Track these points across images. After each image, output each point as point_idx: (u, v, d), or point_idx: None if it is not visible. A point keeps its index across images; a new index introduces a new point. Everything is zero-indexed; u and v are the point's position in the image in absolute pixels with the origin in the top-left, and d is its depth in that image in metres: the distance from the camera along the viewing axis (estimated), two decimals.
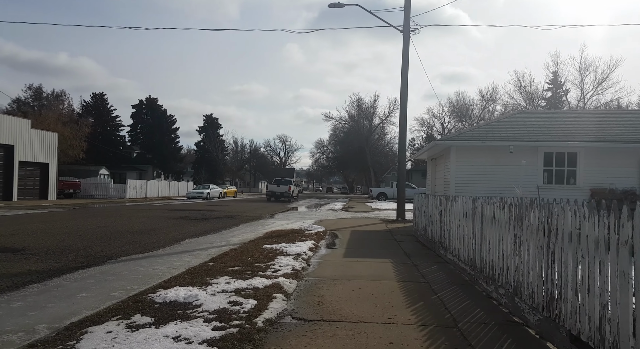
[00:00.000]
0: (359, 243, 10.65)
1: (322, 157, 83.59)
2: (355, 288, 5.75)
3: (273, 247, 9.08)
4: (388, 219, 18.73)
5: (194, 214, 19.77)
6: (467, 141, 12.39)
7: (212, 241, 10.61)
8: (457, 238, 7.24)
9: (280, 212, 22.86)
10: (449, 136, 13.66)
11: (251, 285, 5.46)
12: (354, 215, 21.27)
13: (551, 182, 12.27)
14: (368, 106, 65.90)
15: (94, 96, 52.51)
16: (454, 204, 7.40)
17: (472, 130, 13.79)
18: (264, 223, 16.15)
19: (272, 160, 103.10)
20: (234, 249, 9.01)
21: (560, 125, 13.44)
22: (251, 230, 13.53)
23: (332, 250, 9.40)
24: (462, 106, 65.21)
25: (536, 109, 42.19)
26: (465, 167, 12.51)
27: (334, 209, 26.42)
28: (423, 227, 10.68)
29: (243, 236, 11.74)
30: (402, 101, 18.06)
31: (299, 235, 11.59)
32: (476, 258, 6.10)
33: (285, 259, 7.60)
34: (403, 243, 10.70)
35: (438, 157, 15.25)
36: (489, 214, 5.59)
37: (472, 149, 12.48)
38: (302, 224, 15.60)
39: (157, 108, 58.78)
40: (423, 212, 10.73)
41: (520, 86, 48.66)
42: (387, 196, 41.33)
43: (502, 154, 12.33)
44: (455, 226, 7.38)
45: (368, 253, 9.02)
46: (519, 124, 13.44)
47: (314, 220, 17.68)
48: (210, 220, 16.72)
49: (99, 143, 46.37)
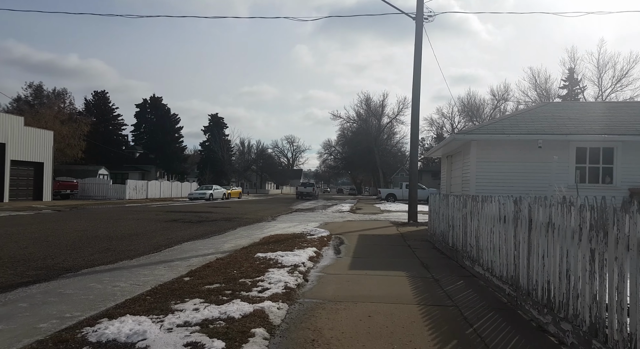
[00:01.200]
0: (368, 250, 9.27)
1: (329, 158, 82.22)
2: (363, 316, 4.39)
3: (267, 256, 7.75)
4: (399, 221, 17.31)
5: (190, 216, 18.52)
6: (490, 135, 10.96)
7: (199, 248, 9.30)
8: (489, 248, 5.84)
9: (283, 214, 21.55)
10: (468, 129, 12.21)
11: (225, 313, 4.12)
12: (362, 217, 19.89)
13: (584, 181, 10.79)
14: (377, 105, 64.44)
15: (96, 94, 51.62)
16: (486, 205, 5.99)
17: (495, 122, 12.35)
18: (264, 227, 14.84)
19: (279, 161, 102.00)
20: (221, 258, 7.69)
21: (593, 118, 11.94)
22: (247, 234, 12.22)
23: (336, 259, 8.04)
24: (473, 105, 63.46)
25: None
26: (487, 165, 11.08)
27: (340, 211, 25.05)
28: (441, 233, 9.28)
29: (236, 242, 10.42)
30: (415, 93, 16.66)
31: (299, 241, 10.26)
32: (520, 276, 4.70)
33: (278, 273, 6.26)
34: (418, 251, 9.30)
35: (455, 154, 13.81)
36: (541, 220, 4.20)
37: (495, 144, 11.04)
38: (305, 227, 14.27)
39: (161, 107, 57.87)
40: (441, 215, 9.33)
41: (536, 83, 46.81)
42: (396, 197, 39.85)
43: (529, 150, 10.88)
44: (487, 232, 5.97)
45: (378, 264, 7.64)
46: (547, 117, 11.97)
47: (319, 223, 16.33)
48: (205, 223, 15.45)
49: (99, 143, 45.46)
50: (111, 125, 52.30)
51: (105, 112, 51.15)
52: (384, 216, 20.58)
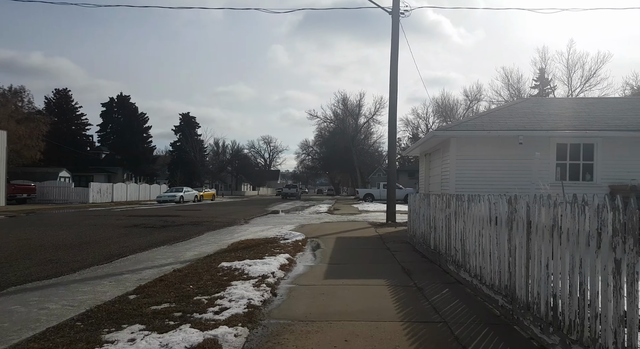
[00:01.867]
0: (346, 255, 8.59)
1: (307, 158, 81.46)
2: (339, 341, 3.67)
3: (232, 266, 6.95)
4: (377, 222, 16.75)
5: (155, 220, 17.41)
6: (470, 131, 10.49)
7: (156, 258, 8.39)
8: (477, 252, 5.24)
9: (258, 217, 20.67)
10: (448, 125, 11.75)
11: (167, 346, 3.32)
12: (340, 218, 19.24)
13: (565, 178, 10.45)
14: (354, 105, 64.11)
15: (57, 93, 48.98)
16: (474, 205, 5.39)
17: (475, 118, 11.90)
18: (235, 231, 13.96)
19: (256, 162, 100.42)
20: (179, 270, 6.84)
21: (572, 113, 11.66)
22: (215, 240, 11.34)
23: (311, 267, 7.31)
24: (447, 105, 64.09)
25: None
26: (467, 162, 10.61)
27: (318, 212, 24.35)
28: (422, 234, 8.70)
29: (201, 249, 9.54)
30: (392, 91, 16.13)
31: (271, 246, 9.49)
32: (517, 286, 4.09)
33: (242, 287, 5.48)
34: (398, 254, 8.68)
35: (433, 151, 13.33)
36: (544, 222, 3.59)
37: (475, 141, 10.58)
38: (280, 231, 13.49)
39: (128, 106, 55.68)
40: (422, 216, 8.74)
41: (508, 83, 47.45)
42: (374, 197, 39.54)
43: (510, 147, 10.46)
44: (474, 235, 5.37)
45: (357, 271, 6.96)
46: (527, 113, 11.61)
47: (294, 225, 15.58)
48: (170, 228, 14.43)
49: (61, 143, 43.11)
50: (74, 125, 49.80)
51: (67, 111, 48.61)
52: (362, 217, 20.00)
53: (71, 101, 50.52)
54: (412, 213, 10.04)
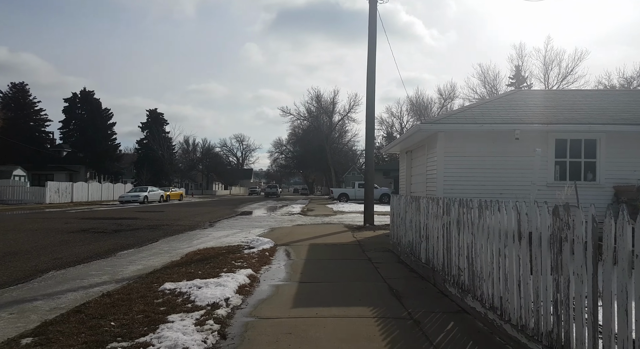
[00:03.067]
0: (320, 269, 7.22)
1: (280, 157, 79.63)
2: None
3: (177, 288, 5.47)
4: (354, 225, 15.48)
5: (107, 224, 15.55)
6: (461, 125, 9.31)
7: (89, 275, 6.79)
8: (496, 278, 3.97)
9: (225, 219, 19.06)
10: (435, 118, 10.53)
11: None
12: (314, 220, 17.88)
13: (564, 178, 9.43)
14: (328, 102, 62.86)
15: (14, 87, 45.36)
16: (489, 215, 4.11)
17: (464, 110, 10.76)
18: (195, 236, 12.37)
19: (228, 160, 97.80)
20: (108, 294, 5.30)
21: (571, 106, 10.64)
22: (169, 249, 9.76)
23: (277, 288, 5.90)
24: (421, 104, 63.88)
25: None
26: (457, 160, 9.44)
27: (290, 213, 22.91)
28: (409, 243, 7.43)
29: (148, 262, 7.97)
30: (369, 82, 14.88)
31: (233, 257, 8.03)
32: (572, 339, 2.81)
33: (180, 325, 4.03)
34: (382, 266, 7.39)
35: (416, 148, 12.14)
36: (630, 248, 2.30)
37: (465, 135, 9.42)
38: (246, 236, 12.02)
39: (93, 102, 52.47)
40: (408, 222, 7.48)
41: (485, 80, 47.20)
42: (348, 197, 38.38)
43: (505, 142, 9.35)
44: (490, 254, 4.11)
45: (334, 293, 5.60)
46: (521, 105, 10.56)
47: (264, 229, 14.12)
48: (122, 233, 12.69)
49: (17, 140, 39.87)
50: (32, 121, 46.32)
51: (24, 107, 45.09)
52: (337, 219, 18.71)
53: (29, 95, 46.95)
54: (395, 217, 8.78)
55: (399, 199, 8.52)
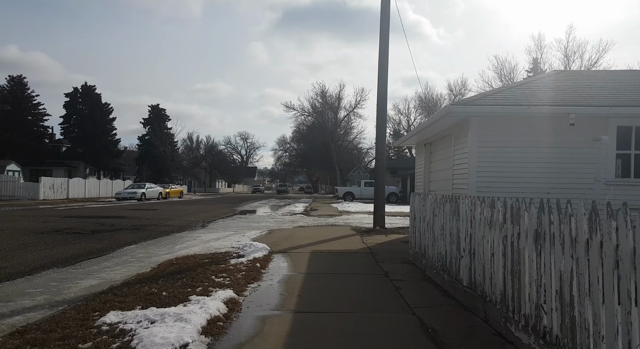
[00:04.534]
0: (324, 291, 5.53)
1: (284, 155, 77.93)
2: None
3: (119, 325, 3.86)
4: (362, 228, 13.79)
5: (89, 223, 13.96)
6: (500, 106, 7.54)
7: (23, 294, 5.16)
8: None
9: (221, 219, 17.45)
10: (467, 99, 8.63)
11: None
12: (317, 221, 16.20)
13: (627, 174, 7.65)
14: (333, 98, 61.01)
15: (11, 80, 43.99)
16: (627, 230, 2.39)
17: (502, 91, 8.93)
18: (181, 239, 10.73)
19: (232, 158, 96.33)
20: (24, 330, 3.70)
21: (632, 87, 8.76)
22: (143, 256, 8.13)
23: (263, 321, 4.24)
24: (430, 100, 61.89)
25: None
26: (494, 152, 7.70)
27: (292, 213, 21.25)
28: (440, 257, 5.73)
29: (107, 275, 6.33)
30: (381, 67, 13.17)
31: (215, 270, 6.41)
32: None
33: None
34: (405, 286, 5.70)
35: (437, 140, 10.40)
36: None
37: (505, 121, 7.68)
38: (239, 240, 10.41)
39: (94, 97, 51.09)
40: (439, 229, 5.78)
41: (501, 73, 44.88)
42: (354, 196, 36.72)
43: (554, 129, 7.58)
44: (615, 294, 2.38)
45: (343, 335, 3.91)
46: (571, 86, 8.76)
47: (261, 231, 12.50)
48: (99, 235, 11.10)
49: (14, 135, 38.51)
50: (30, 115, 44.94)
51: (22, 101, 43.70)
52: (343, 220, 17.02)
53: (27, 88, 45.53)
54: (418, 222, 7.07)
55: (423, 199, 6.80)
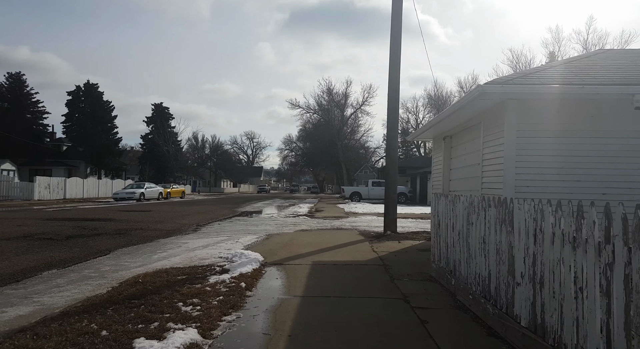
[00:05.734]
0: (324, 326, 4.11)
1: (290, 154, 76.49)
2: None
3: None
4: (371, 232, 12.37)
5: (68, 227, 12.67)
6: (547, 86, 6.05)
7: None
8: None
9: (219, 221, 16.13)
10: (503, 78, 7.11)
11: None
12: (322, 224, 14.80)
13: None
14: (340, 96, 59.47)
15: (10, 77, 43.11)
16: None
17: (543, 70, 7.38)
18: (163, 247, 9.37)
19: (238, 158, 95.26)
20: None
21: None
22: (110, 269, 6.77)
23: None
24: (440, 97, 60.19)
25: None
26: (536, 142, 6.23)
27: (296, 214, 19.85)
28: (480, 278, 4.30)
29: (49, 299, 4.99)
30: (393, 52, 11.73)
31: (187, 293, 5.06)
32: None
33: None
34: (433, 320, 4.27)
35: (460, 131, 8.93)
36: None
37: (550, 104, 6.20)
38: (232, 246, 9.10)
39: (96, 95, 50.14)
40: (477, 242, 4.35)
41: (516, 66, 43.01)
42: (361, 196, 35.27)
43: (613, 115, 6.12)
44: None
45: None
46: (628, 63, 7.30)
47: (258, 236, 11.15)
48: (71, 241, 9.79)
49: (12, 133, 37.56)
50: (29, 113, 44.04)
51: (20, 98, 42.79)
52: (349, 222, 15.60)
53: (26, 86, 44.64)
54: (443, 230, 5.63)
55: (451, 202, 5.35)
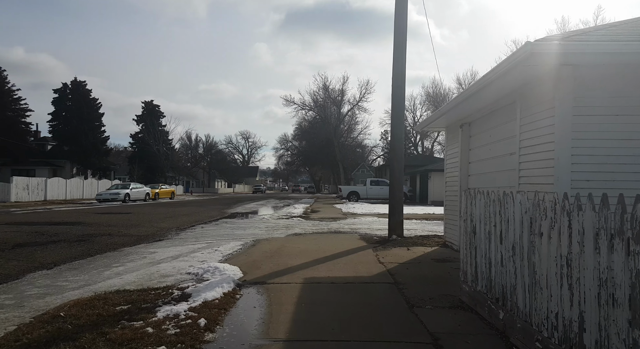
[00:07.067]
0: None
1: (286, 153, 74.77)
2: None
3: None
4: (373, 235, 10.80)
5: (26, 232, 10.99)
6: (617, 43, 4.48)
7: None
8: None
9: (202, 224, 14.53)
10: (556, 36, 5.52)
11: None
12: (318, 227, 13.21)
13: None
14: (336, 92, 57.82)
15: None
16: None
17: (610, 27, 5.83)
18: (126, 257, 7.73)
19: (232, 158, 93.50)
20: None
21: None
22: (39, 293, 5.16)
23: None
24: (438, 94, 58.78)
25: None
26: (600, 121, 4.64)
27: (290, 216, 18.26)
28: (554, 317, 2.69)
29: None
30: (398, 27, 10.16)
31: (115, 340, 3.38)
32: None
33: None
34: None
35: (484, 116, 7.34)
36: None
37: (617, 72, 4.61)
38: (207, 257, 7.52)
39: (83, 93, 48.18)
40: (550, 263, 2.75)
41: None
42: (359, 196, 33.70)
43: None
44: None
45: None
46: None
47: (243, 242, 9.58)
48: (21, 250, 8.14)
49: None
50: (10, 111, 42.07)
51: (1, 95, 40.90)
52: (348, 225, 14.02)
53: (7, 82, 42.69)
54: (482, 242, 4.06)
55: (496, 203, 3.75)
